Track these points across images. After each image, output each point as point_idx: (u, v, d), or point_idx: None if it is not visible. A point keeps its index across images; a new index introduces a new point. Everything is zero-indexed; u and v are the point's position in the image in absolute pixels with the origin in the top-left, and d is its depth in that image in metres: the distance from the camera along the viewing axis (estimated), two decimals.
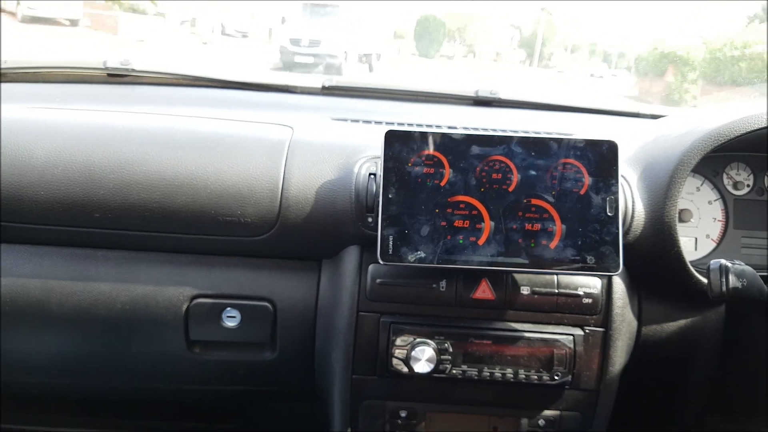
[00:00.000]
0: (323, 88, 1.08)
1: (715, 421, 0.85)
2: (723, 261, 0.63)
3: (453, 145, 0.69)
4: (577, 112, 1.06)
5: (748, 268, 0.65)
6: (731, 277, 0.62)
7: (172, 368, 0.79)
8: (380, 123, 0.96)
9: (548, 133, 0.88)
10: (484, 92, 1.07)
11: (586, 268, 0.67)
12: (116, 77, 1.11)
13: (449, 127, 0.96)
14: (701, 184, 0.84)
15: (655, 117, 1.02)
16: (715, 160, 0.84)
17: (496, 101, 1.07)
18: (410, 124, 0.97)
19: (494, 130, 0.96)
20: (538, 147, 0.69)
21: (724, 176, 0.84)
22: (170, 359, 0.77)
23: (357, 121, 0.97)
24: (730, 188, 0.84)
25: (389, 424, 0.74)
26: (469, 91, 1.08)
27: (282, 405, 0.95)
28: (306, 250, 0.74)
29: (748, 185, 0.84)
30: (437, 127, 0.97)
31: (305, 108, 1.03)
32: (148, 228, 0.72)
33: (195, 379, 0.80)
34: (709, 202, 0.84)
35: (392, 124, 0.96)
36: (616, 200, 0.67)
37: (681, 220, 0.82)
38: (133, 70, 1.10)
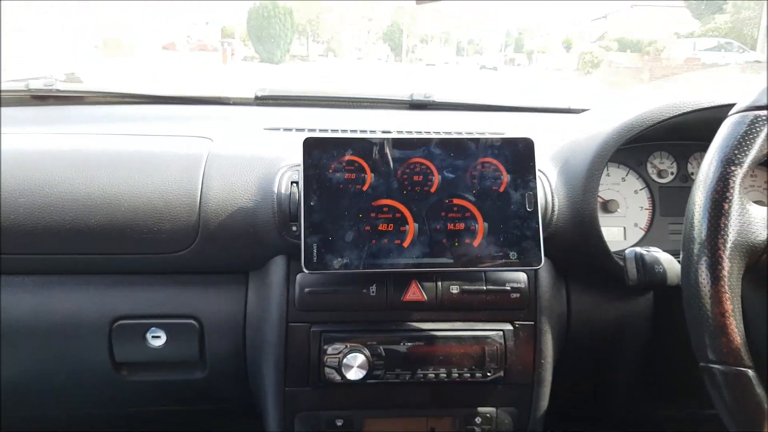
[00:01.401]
0: (256, 98, 1.06)
1: (650, 407, 0.86)
2: (638, 249, 0.64)
3: (373, 150, 0.68)
4: (511, 111, 1.08)
5: (665, 255, 0.66)
6: (647, 265, 0.63)
7: (102, 392, 0.76)
8: (314, 131, 0.95)
9: (468, 134, 0.89)
10: (419, 95, 1.08)
11: (509, 264, 0.67)
12: (40, 99, 1.08)
13: (383, 132, 0.96)
14: (626, 174, 0.85)
15: (584, 111, 1.04)
16: (638, 150, 0.86)
17: (431, 104, 1.07)
18: (344, 131, 0.97)
19: (428, 132, 0.96)
20: (456, 148, 0.69)
21: (648, 165, 0.86)
22: (98, 383, 0.75)
23: (290, 129, 0.96)
24: (654, 177, 0.86)
25: None
26: (404, 96, 1.08)
27: (221, 423, 0.93)
28: (230, 264, 0.73)
29: (672, 173, 0.86)
30: (371, 132, 0.97)
31: (238, 119, 1.01)
32: (63, 250, 0.69)
33: (127, 402, 0.77)
34: (636, 192, 0.85)
35: (326, 131, 0.95)
36: (535, 195, 0.68)
37: (608, 211, 0.83)
38: (57, 91, 1.07)
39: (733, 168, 0.50)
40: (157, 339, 0.72)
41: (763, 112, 0.51)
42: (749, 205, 0.51)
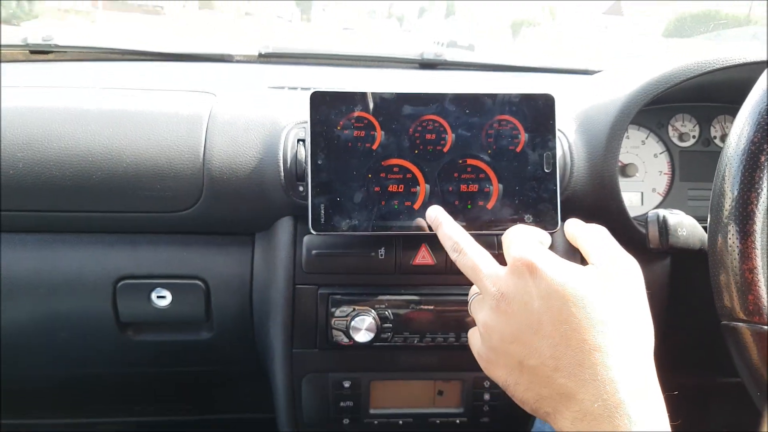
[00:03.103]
0: (260, 55, 1.03)
1: (665, 374, 0.85)
2: (661, 211, 0.61)
3: (383, 106, 0.65)
4: (526, 71, 1.04)
5: (688, 218, 0.63)
6: (670, 228, 0.60)
7: (108, 352, 0.75)
8: (334, 89, 0.92)
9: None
10: (429, 54, 1.04)
11: None
12: (39, 54, 1.04)
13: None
14: (646, 138, 0.82)
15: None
16: (659, 112, 0.82)
17: (442, 63, 1.03)
18: (366, 89, 0.93)
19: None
20: (471, 104, 0.66)
21: (670, 128, 0.82)
22: (104, 343, 0.74)
23: (296, 88, 0.92)
24: (675, 140, 0.82)
25: (333, 395, 0.72)
26: (414, 54, 1.04)
27: (228, 385, 0.93)
28: (236, 224, 0.71)
29: (693, 136, 0.83)
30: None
31: (242, 77, 0.98)
32: (65, 207, 0.67)
33: (132, 362, 0.77)
34: (655, 156, 0.82)
35: (345, 89, 0.91)
36: (554, 156, 0.65)
37: (626, 175, 0.80)
38: (57, 46, 1.03)
39: (749, 225, 0.47)
40: (163, 299, 0.71)
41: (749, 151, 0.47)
42: None
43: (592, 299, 0.42)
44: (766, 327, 0.47)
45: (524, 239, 0.49)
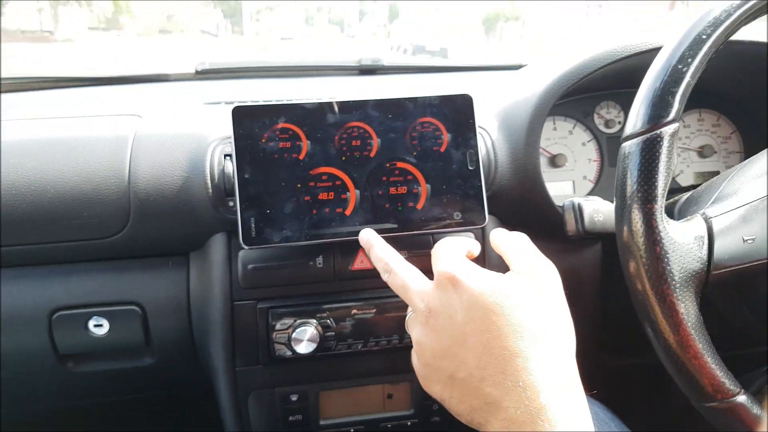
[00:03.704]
0: (196, 72, 1.03)
1: (605, 357, 0.87)
2: (576, 199, 0.63)
3: (307, 116, 0.66)
4: (460, 71, 1.06)
5: (605, 204, 0.66)
6: (586, 214, 0.63)
7: (50, 386, 0.74)
8: (257, 102, 0.92)
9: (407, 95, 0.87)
10: (367, 60, 1.05)
11: (453, 224, 0.66)
12: None
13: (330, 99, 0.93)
14: (573, 127, 0.85)
15: None
16: (584, 101, 0.85)
17: (380, 68, 1.05)
18: (289, 101, 0.94)
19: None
20: (394, 109, 0.67)
21: (596, 116, 0.85)
22: (46, 378, 0.72)
23: (232, 103, 0.92)
24: (602, 127, 0.85)
25: (281, 410, 0.72)
26: (352, 61, 1.05)
27: (176, 408, 0.92)
28: (168, 245, 0.70)
29: (619, 122, 0.86)
30: (318, 100, 0.94)
31: (177, 96, 0.98)
32: None
33: (77, 394, 0.76)
34: (583, 144, 0.85)
35: (270, 101, 0.92)
36: (476, 153, 0.67)
37: (556, 165, 0.83)
38: None
39: (649, 206, 0.48)
40: (100, 328, 0.69)
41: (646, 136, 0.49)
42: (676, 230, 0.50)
43: (512, 306, 0.43)
44: (731, 400, 0.49)
45: (449, 252, 0.50)
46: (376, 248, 0.56)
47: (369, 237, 0.58)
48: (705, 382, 0.49)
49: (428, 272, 0.58)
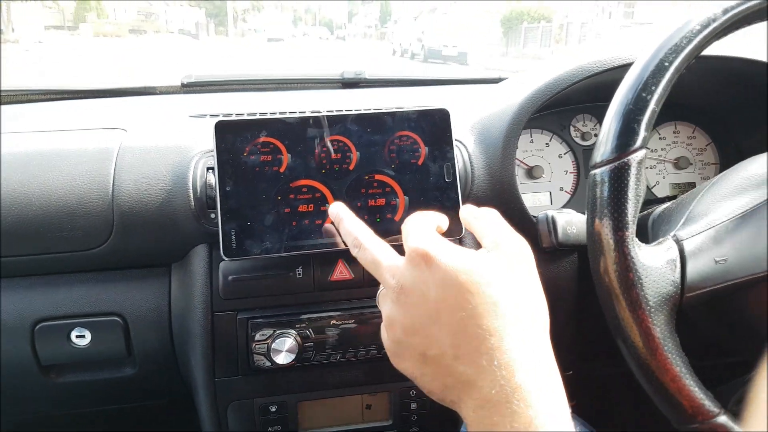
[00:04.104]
0: (182, 85, 1.04)
1: (587, 367, 0.88)
2: (550, 211, 0.65)
3: (288, 130, 0.67)
4: (442, 84, 1.08)
5: (578, 215, 0.68)
6: (559, 227, 0.64)
7: (32, 397, 0.74)
8: (242, 115, 0.93)
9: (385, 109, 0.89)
10: (350, 73, 1.07)
11: None
12: None
13: (313, 112, 0.94)
14: (550, 140, 0.87)
15: None
16: (561, 114, 0.87)
17: (362, 81, 1.06)
18: (273, 113, 0.95)
19: (358, 110, 0.95)
20: (373, 123, 0.69)
21: (572, 128, 0.87)
22: (28, 389, 0.73)
23: (217, 115, 0.93)
24: (578, 140, 0.87)
25: (260, 421, 0.73)
26: (334, 74, 1.07)
27: (157, 419, 0.92)
28: (150, 257, 0.71)
29: (595, 134, 0.88)
30: (300, 113, 0.95)
31: (163, 109, 0.99)
32: None
33: (59, 404, 0.76)
34: (560, 156, 0.87)
35: (254, 114, 0.93)
36: (453, 166, 0.68)
37: (533, 177, 0.84)
38: None
39: (621, 233, 0.49)
40: (82, 339, 0.70)
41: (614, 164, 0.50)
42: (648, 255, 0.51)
43: (487, 284, 0.42)
44: (713, 421, 0.50)
45: (420, 228, 0.48)
46: (346, 222, 0.54)
47: (338, 211, 0.56)
48: (685, 404, 0.50)
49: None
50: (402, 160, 0.68)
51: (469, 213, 0.53)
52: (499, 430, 0.38)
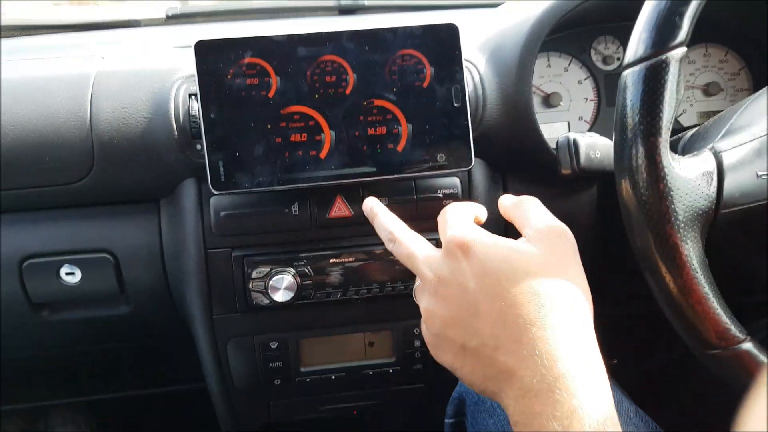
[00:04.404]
0: (167, 17, 0.96)
1: (607, 308, 0.84)
2: (572, 134, 0.58)
3: (276, 49, 0.61)
4: (447, 9, 0.99)
5: (603, 140, 0.61)
6: (582, 151, 0.58)
7: (27, 335, 0.73)
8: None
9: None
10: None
11: (437, 167, 0.62)
12: None
13: None
14: (569, 64, 0.79)
15: None
16: (580, 35, 0.79)
17: (360, 8, 0.98)
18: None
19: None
20: (372, 40, 0.62)
21: (593, 52, 0.79)
22: (21, 326, 0.71)
23: None
24: (599, 64, 0.79)
25: (261, 357, 0.70)
26: (330, 1, 0.99)
27: (156, 357, 0.90)
28: (136, 191, 0.67)
29: (618, 58, 0.80)
30: None
31: (148, 40, 0.92)
32: None
33: (54, 343, 0.75)
34: (579, 82, 0.79)
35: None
36: (463, 89, 0.62)
37: (550, 105, 0.77)
38: None
39: (653, 139, 0.44)
40: (72, 276, 0.67)
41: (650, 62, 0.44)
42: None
43: (527, 273, 0.41)
44: (737, 347, 0.46)
45: (457, 219, 0.48)
46: (380, 216, 0.54)
47: (372, 205, 0.55)
48: (708, 328, 0.46)
49: (409, 221, 0.55)
50: (405, 83, 0.62)
51: (508, 201, 0.51)
52: (541, 420, 0.37)
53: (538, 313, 0.40)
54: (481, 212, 0.52)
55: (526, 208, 0.49)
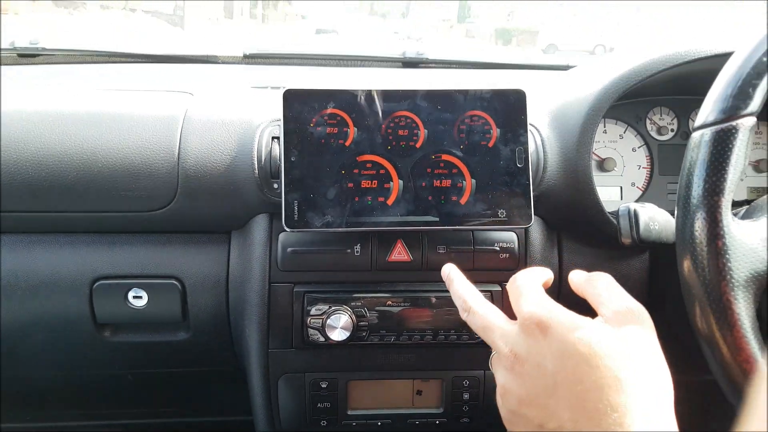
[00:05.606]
0: (245, 56, 1.03)
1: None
2: (633, 205, 0.61)
3: (356, 102, 0.66)
4: (506, 68, 1.04)
5: (661, 212, 0.63)
6: (642, 222, 0.60)
7: (86, 354, 0.76)
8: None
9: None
10: (411, 53, 1.04)
11: (497, 222, 0.65)
12: (27, 57, 1.05)
13: None
14: (624, 132, 0.82)
15: None
16: (637, 105, 0.82)
17: (424, 62, 1.04)
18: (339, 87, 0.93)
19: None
20: (443, 100, 0.66)
21: (648, 121, 0.82)
22: (81, 345, 0.74)
23: (278, 88, 0.92)
24: (654, 134, 0.82)
25: (310, 396, 0.72)
26: (396, 53, 1.05)
27: (206, 386, 0.93)
28: (212, 222, 0.71)
29: (672, 129, 0.83)
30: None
31: (224, 78, 0.99)
32: (40, 208, 0.68)
33: (111, 363, 0.77)
34: (633, 150, 0.82)
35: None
36: (526, 151, 0.65)
37: (604, 170, 0.80)
38: (44, 49, 1.04)
39: (715, 199, 0.45)
40: (139, 299, 0.71)
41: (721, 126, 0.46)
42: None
43: (607, 356, 0.41)
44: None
45: (532, 291, 0.48)
46: (456, 284, 0.55)
47: (450, 271, 0.57)
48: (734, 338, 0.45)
49: (465, 270, 0.58)
50: (471, 141, 0.66)
51: (581, 277, 0.52)
52: None
53: (620, 398, 0.39)
54: (548, 277, 0.53)
55: (600, 286, 0.49)
